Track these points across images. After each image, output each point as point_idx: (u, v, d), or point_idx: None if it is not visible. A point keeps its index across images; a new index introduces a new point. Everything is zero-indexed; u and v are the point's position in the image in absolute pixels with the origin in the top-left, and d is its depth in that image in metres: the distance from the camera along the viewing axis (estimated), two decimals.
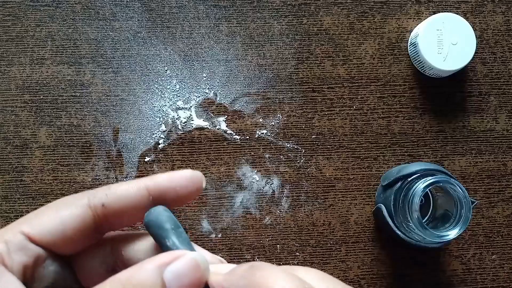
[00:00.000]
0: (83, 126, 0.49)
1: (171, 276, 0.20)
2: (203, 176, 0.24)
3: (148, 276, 0.20)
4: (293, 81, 0.50)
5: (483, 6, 0.52)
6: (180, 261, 0.20)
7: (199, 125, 0.50)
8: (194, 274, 0.20)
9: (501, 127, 0.51)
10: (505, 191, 0.50)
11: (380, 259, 0.49)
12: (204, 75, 0.50)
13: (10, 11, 0.50)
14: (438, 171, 0.42)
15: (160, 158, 0.49)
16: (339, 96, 0.50)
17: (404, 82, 0.51)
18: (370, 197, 0.49)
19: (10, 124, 0.49)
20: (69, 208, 0.22)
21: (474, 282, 0.49)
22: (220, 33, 0.50)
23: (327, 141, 0.50)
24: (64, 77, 0.49)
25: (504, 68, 0.51)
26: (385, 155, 0.50)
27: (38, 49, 0.49)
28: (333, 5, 0.51)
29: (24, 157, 0.48)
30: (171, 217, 0.23)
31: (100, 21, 0.50)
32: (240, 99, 0.50)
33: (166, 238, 0.22)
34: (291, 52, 0.51)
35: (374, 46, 0.51)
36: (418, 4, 0.51)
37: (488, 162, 0.50)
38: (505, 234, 0.50)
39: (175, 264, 0.20)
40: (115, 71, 0.50)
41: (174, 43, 0.50)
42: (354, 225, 0.49)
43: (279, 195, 0.49)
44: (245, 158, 0.49)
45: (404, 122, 0.50)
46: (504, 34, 0.51)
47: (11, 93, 0.49)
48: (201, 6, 0.51)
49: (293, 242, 0.49)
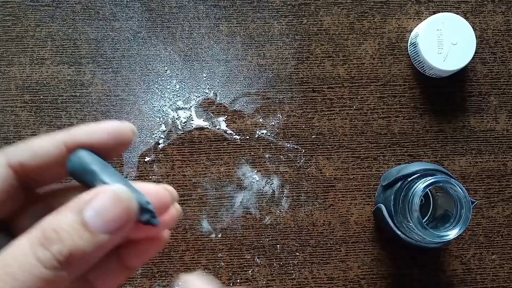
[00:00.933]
0: None
1: (93, 213, 0.19)
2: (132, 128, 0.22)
3: (69, 218, 0.19)
4: (293, 81, 0.50)
5: (483, 6, 0.52)
6: (99, 197, 0.19)
7: (199, 125, 0.50)
8: (117, 207, 0.19)
9: (501, 127, 0.51)
10: (505, 191, 0.50)
11: (380, 259, 0.49)
12: (204, 75, 0.50)
13: (10, 11, 0.50)
14: (438, 171, 0.42)
15: (160, 158, 0.49)
16: (339, 96, 0.50)
17: (404, 82, 0.51)
18: (370, 197, 0.49)
19: (10, 124, 0.49)
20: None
21: (474, 282, 0.49)
22: (220, 33, 0.50)
23: (327, 141, 0.50)
24: (64, 77, 0.49)
25: (504, 68, 0.51)
26: (385, 155, 0.50)
27: (38, 49, 0.49)
28: (333, 5, 0.51)
29: None
30: (96, 158, 0.21)
31: (100, 21, 0.50)
32: (240, 99, 0.50)
33: (95, 181, 0.21)
34: (291, 52, 0.50)
35: (374, 46, 0.51)
36: (418, 4, 0.51)
37: (488, 162, 0.50)
38: (505, 234, 0.50)
39: (95, 201, 0.19)
40: (115, 71, 0.50)
41: (174, 43, 0.50)
42: (354, 225, 0.49)
43: (279, 195, 0.49)
44: (245, 158, 0.49)
45: (404, 122, 0.50)
46: (504, 34, 0.51)
47: (11, 93, 0.49)
48: (201, 6, 0.51)
49: (293, 242, 0.49)
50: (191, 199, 0.49)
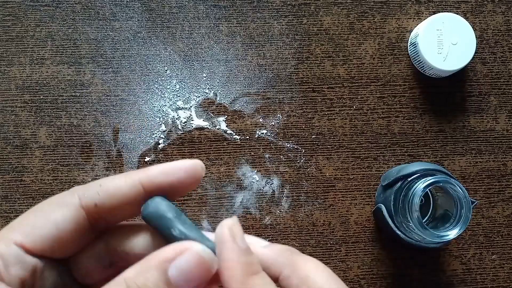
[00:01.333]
0: (83, 126, 0.49)
1: (177, 273, 0.19)
2: (202, 165, 0.22)
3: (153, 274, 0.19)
4: (293, 81, 0.50)
5: (483, 6, 0.52)
6: (184, 257, 0.20)
7: (199, 125, 0.50)
8: (200, 269, 0.20)
9: (501, 127, 0.51)
10: (505, 191, 0.50)
11: (380, 259, 0.49)
12: (204, 75, 0.50)
13: (10, 11, 0.50)
14: (438, 171, 0.42)
15: (160, 158, 0.49)
16: (339, 96, 0.50)
17: (404, 82, 0.51)
18: (370, 197, 0.49)
19: (10, 124, 0.49)
20: (61, 210, 0.21)
21: (474, 282, 0.49)
22: (220, 33, 0.50)
23: (327, 141, 0.50)
24: (64, 77, 0.49)
25: (504, 68, 0.51)
26: (385, 155, 0.50)
27: (38, 49, 0.49)
28: (333, 5, 0.51)
29: (24, 157, 0.48)
30: (171, 205, 0.22)
31: (100, 21, 0.50)
32: (240, 99, 0.50)
33: (171, 228, 0.21)
34: (291, 52, 0.50)
35: (374, 46, 0.51)
36: (418, 4, 0.51)
37: (488, 162, 0.50)
38: (505, 234, 0.50)
39: (179, 260, 0.20)
40: (115, 71, 0.50)
41: (174, 43, 0.50)
42: (354, 225, 0.49)
43: (279, 195, 0.49)
44: (245, 158, 0.49)
45: (404, 122, 0.50)
46: (504, 34, 0.51)
47: (11, 93, 0.49)
48: (201, 6, 0.51)
49: (293, 242, 0.49)
50: (191, 199, 0.49)
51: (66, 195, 0.22)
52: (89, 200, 0.21)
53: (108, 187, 0.21)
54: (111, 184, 0.22)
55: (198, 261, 0.20)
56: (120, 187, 0.21)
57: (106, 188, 0.21)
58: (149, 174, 0.22)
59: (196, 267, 0.20)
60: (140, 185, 0.22)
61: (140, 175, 0.22)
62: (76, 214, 0.21)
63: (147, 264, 0.20)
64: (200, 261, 0.20)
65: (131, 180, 0.22)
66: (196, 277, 0.20)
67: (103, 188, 0.21)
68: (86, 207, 0.21)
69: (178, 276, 0.19)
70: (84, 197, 0.21)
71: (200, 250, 0.20)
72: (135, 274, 0.19)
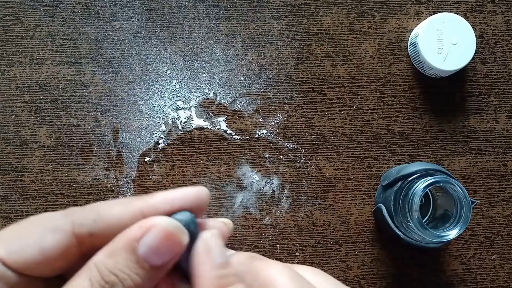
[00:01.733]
0: (83, 126, 0.49)
1: (146, 251, 0.19)
2: (207, 192, 0.22)
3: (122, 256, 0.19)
4: (293, 81, 0.50)
5: (483, 6, 0.52)
6: (152, 233, 0.19)
7: (199, 125, 0.50)
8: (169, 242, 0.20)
9: (501, 127, 0.51)
10: (505, 191, 0.50)
11: (380, 259, 0.49)
12: (204, 75, 0.50)
13: (10, 11, 0.50)
14: (438, 171, 0.42)
15: (160, 158, 0.49)
16: (339, 96, 0.50)
17: (404, 82, 0.51)
18: (370, 197, 0.49)
19: (10, 124, 0.49)
20: (51, 236, 0.20)
21: (474, 282, 0.49)
22: (220, 33, 0.50)
23: (327, 141, 0.50)
24: (64, 77, 0.49)
25: (504, 68, 0.51)
26: (385, 155, 0.50)
27: (38, 49, 0.49)
28: (333, 5, 0.51)
29: (24, 157, 0.48)
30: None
31: (100, 21, 0.50)
32: (240, 99, 0.50)
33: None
34: (291, 52, 0.50)
35: (374, 46, 0.51)
36: (418, 4, 0.51)
37: (488, 162, 0.50)
38: (505, 234, 0.50)
39: (147, 238, 0.19)
40: (115, 71, 0.50)
41: (174, 43, 0.50)
42: (354, 225, 0.49)
43: (279, 195, 0.49)
44: (245, 158, 0.49)
45: (404, 122, 0.50)
46: (504, 34, 0.51)
47: (11, 93, 0.49)
48: (201, 6, 0.51)
49: (293, 242, 0.49)
50: None
51: (60, 219, 0.21)
52: (84, 229, 0.20)
53: (106, 216, 0.21)
54: (109, 213, 0.21)
55: (166, 235, 0.20)
56: (120, 217, 0.21)
57: (104, 216, 0.21)
58: (151, 203, 0.21)
59: (165, 241, 0.20)
60: (142, 215, 0.21)
61: (142, 205, 0.21)
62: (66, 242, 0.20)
63: (115, 246, 0.19)
64: (167, 235, 0.20)
65: (132, 209, 0.21)
66: (167, 251, 0.20)
67: (101, 216, 0.21)
68: (79, 235, 0.20)
69: (148, 253, 0.19)
70: (79, 225, 0.20)
71: (166, 225, 0.20)
72: (105, 258, 0.19)
